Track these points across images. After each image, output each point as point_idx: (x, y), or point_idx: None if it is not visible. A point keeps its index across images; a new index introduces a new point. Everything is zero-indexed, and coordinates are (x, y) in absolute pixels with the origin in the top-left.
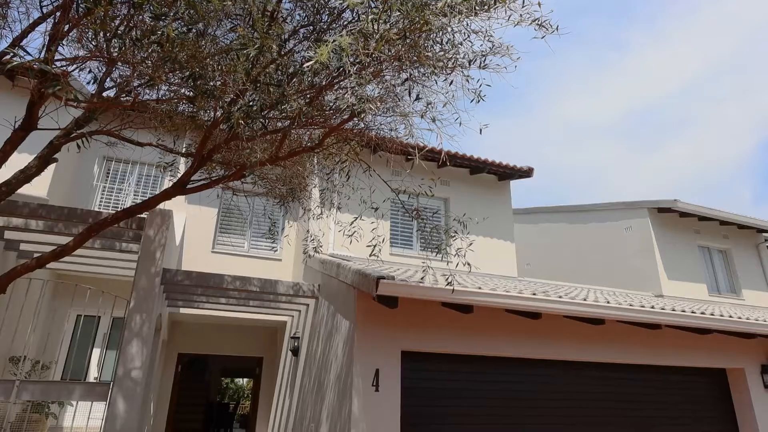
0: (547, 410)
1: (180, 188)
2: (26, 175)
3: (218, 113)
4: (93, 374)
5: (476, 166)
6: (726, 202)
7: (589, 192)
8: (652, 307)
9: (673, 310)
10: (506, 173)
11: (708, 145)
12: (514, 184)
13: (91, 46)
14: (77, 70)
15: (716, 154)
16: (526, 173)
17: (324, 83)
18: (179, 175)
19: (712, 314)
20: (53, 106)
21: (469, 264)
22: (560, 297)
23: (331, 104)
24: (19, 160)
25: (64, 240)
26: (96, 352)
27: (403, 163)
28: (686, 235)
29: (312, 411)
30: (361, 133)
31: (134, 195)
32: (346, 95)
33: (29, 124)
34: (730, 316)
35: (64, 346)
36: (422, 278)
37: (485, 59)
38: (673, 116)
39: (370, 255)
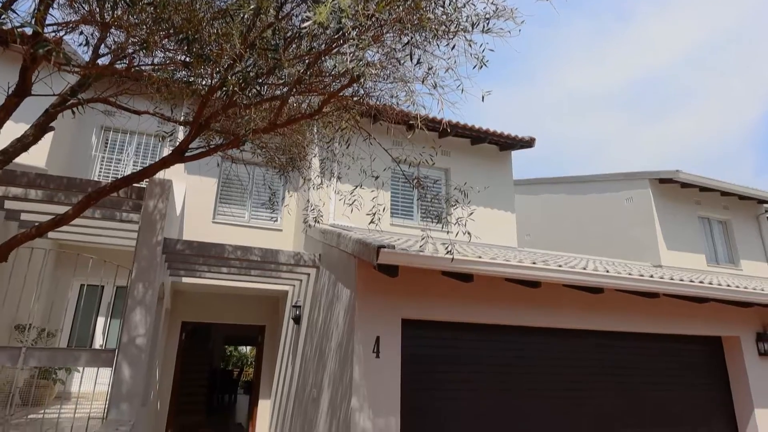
0: (546, 377)
1: (178, 156)
2: (23, 144)
3: (215, 80)
4: (98, 342)
5: (477, 136)
6: (727, 175)
7: (591, 165)
8: (651, 276)
9: (672, 279)
10: (507, 143)
11: (711, 117)
12: (515, 155)
13: (83, 10)
14: (70, 35)
15: (719, 126)
16: (528, 143)
17: (322, 48)
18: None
19: (711, 283)
20: (47, 71)
21: (469, 233)
22: (560, 266)
23: (330, 70)
24: (16, 129)
25: (64, 210)
26: (100, 321)
27: (403, 133)
28: (687, 205)
29: (314, 377)
30: (361, 101)
31: (133, 165)
32: (345, 59)
33: (23, 89)
34: (728, 286)
35: (69, 315)
36: (422, 247)
37: (488, 23)
38: (677, 87)
39: (370, 223)
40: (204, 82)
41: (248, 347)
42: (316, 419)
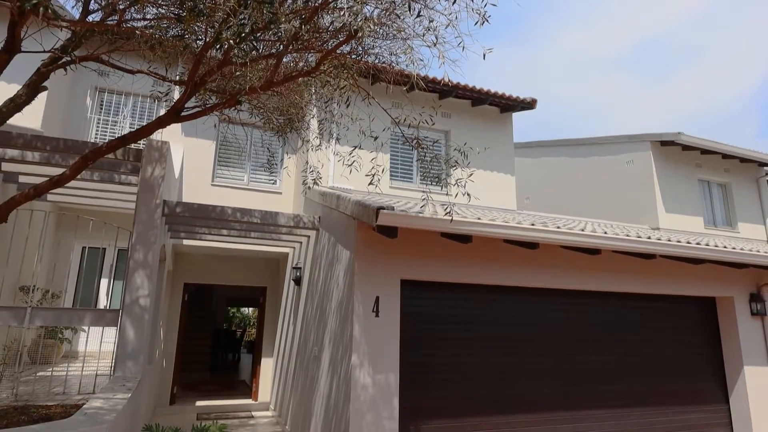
0: (543, 335)
1: (174, 115)
2: (16, 104)
3: (209, 36)
4: (102, 303)
5: (478, 98)
6: (729, 139)
7: (592, 129)
8: (648, 238)
9: (669, 240)
10: (509, 105)
11: (715, 80)
12: (516, 118)
13: None
14: None
15: (722, 89)
16: (529, 105)
17: (319, 2)
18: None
19: (707, 245)
20: (36, 27)
21: (468, 194)
22: (558, 227)
23: (328, 26)
24: (9, 90)
25: (61, 172)
26: (103, 283)
27: (403, 94)
28: (687, 168)
29: (315, 335)
30: (360, 59)
31: (130, 127)
32: (342, 13)
33: (12, 46)
34: (725, 247)
35: (72, 277)
36: (421, 209)
37: None
38: (682, 49)
39: (370, 184)
40: (197, 39)
41: (250, 308)
42: (318, 376)
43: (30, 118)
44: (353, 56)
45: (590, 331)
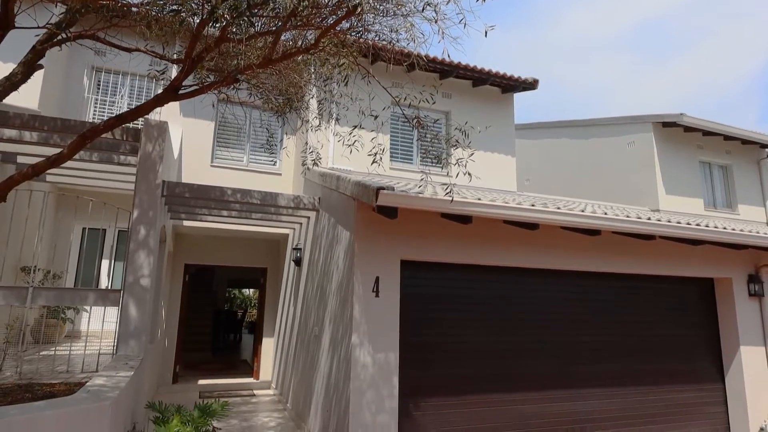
0: (542, 316)
1: (171, 93)
2: (12, 83)
3: (205, 12)
4: (103, 284)
5: (479, 78)
6: (730, 122)
7: (594, 111)
8: (648, 219)
9: (669, 221)
10: (510, 85)
11: (716, 62)
12: (518, 99)
13: None
14: None
15: (724, 72)
16: (531, 85)
17: None
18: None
19: (707, 226)
20: (30, 2)
21: (469, 174)
22: (558, 208)
23: (326, 1)
24: (4, 69)
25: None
26: (105, 264)
27: (403, 74)
28: (688, 150)
29: (315, 316)
30: (359, 36)
31: (128, 107)
32: None
33: (5, 21)
34: (724, 228)
35: (73, 258)
36: (422, 188)
37: None
38: (685, 30)
39: (372, 163)
40: (195, 15)
41: (251, 290)
42: (318, 355)
43: (27, 99)
44: (353, 33)
45: (589, 311)
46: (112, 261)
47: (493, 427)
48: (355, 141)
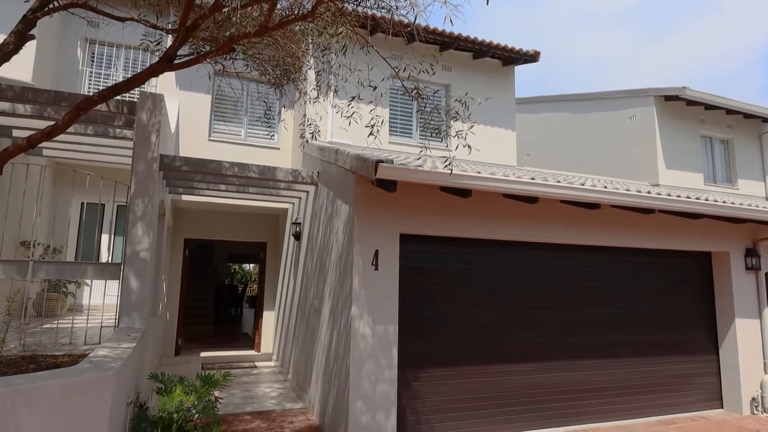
0: (540, 289)
1: (166, 63)
2: (4, 53)
3: None
4: (104, 258)
5: (480, 50)
6: (732, 96)
7: (595, 85)
8: (648, 192)
9: (668, 195)
10: (511, 58)
11: (719, 36)
12: (518, 73)
13: None
14: None
15: (727, 46)
16: (532, 57)
17: None
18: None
19: (706, 200)
20: None
21: (469, 146)
22: (558, 182)
23: None
24: None
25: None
26: (104, 239)
27: (402, 46)
28: (690, 124)
29: (315, 289)
30: (358, 3)
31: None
32: None
33: None
34: (723, 202)
35: (72, 232)
36: (421, 161)
37: None
38: (684, 4)
39: (370, 134)
40: None
41: (252, 265)
42: (318, 327)
43: (20, 71)
44: (351, 2)
45: (587, 284)
46: (112, 235)
47: (491, 396)
48: (353, 113)
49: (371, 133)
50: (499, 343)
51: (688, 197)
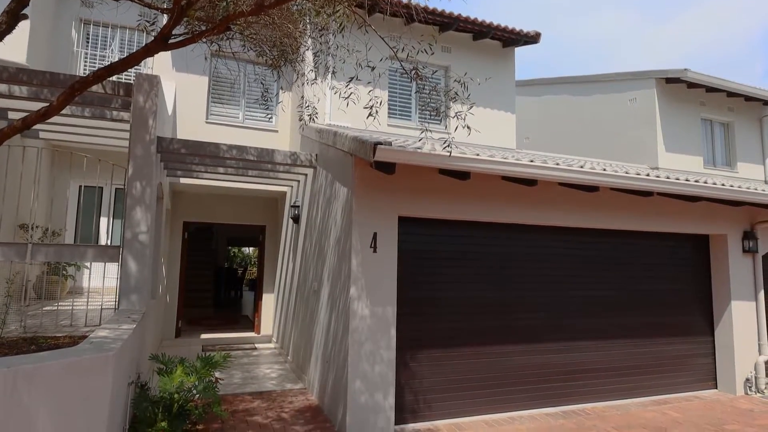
0: (539, 271)
1: (161, 43)
2: None
3: None
4: (103, 241)
5: (480, 31)
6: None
7: (594, 68)
8: (647, 175)
9: (667, 178)
10: (511, 39)
11: (722, 18)
12: (519, 55)
13: None
14: None
15: (729, 29)
16: (533, 39)
17: None
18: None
19: (705, 182)
20: None
21: (468, 127)
22: (557, 164)
23: None
24: None
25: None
26: (103, 222)
27: (401, 27)
28: (691, 106)
29: (314, 271)
30: None
31: None
32: None
33: None
34: (722, 185)
35: (71, 216)
36: (420, 143)
37: None
38: None
39: (369, 116)
40: None
41: (251, 248)
42: (318, 309)
43: (14, 52)
44: None
45: (585, 267)
46: (110, 218)
47: (488, 376)
48: (351, 93)
49: (370, 114)
50: (496, 324)
51: (687, 180)
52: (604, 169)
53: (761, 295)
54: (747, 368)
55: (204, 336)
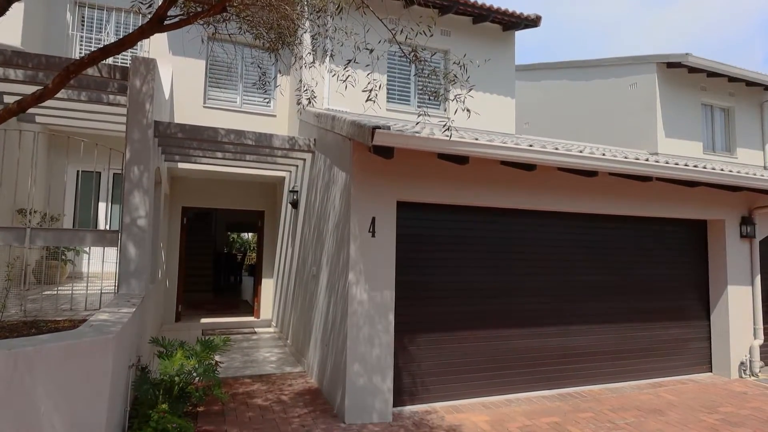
0: (536, 255)
1: (156, 24)
2: None
3: None
4: (101, 227)
5: (480, 14)
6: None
7: (596, 53)
8: (647, 160)
9: (666, 163)
10: (512, 22)
11: (723, 1)
12: (519, 38)
13: None
14: None
15: (730, 12)
16: (533, 22)
17: None
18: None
19: (704, 167)
20: None
21: (468, 110)
22: (556, 149)
23: None
24: None
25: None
26: (101, 207)
27: (400, 10)
28: (691, 92)
29: (313, 256)
30: None
31: None
32: None
33: None
34: (721, 170)
35: (69, 201)
36: (419, 126)
37: None
38: None
39: (368, 99)
40: None
41: (250, 234)
42: (317, 293)
43: (8, 35)
44: None
45: (583, 252)
46: (109, 204)
47: (485, 360)
48: (349, 76)
49: (369, 98)
50: (494, 308)
51: (686, 165)
52: (603, 154)
53: (757, 279)
54: (742, 352)
55: (204, 320)
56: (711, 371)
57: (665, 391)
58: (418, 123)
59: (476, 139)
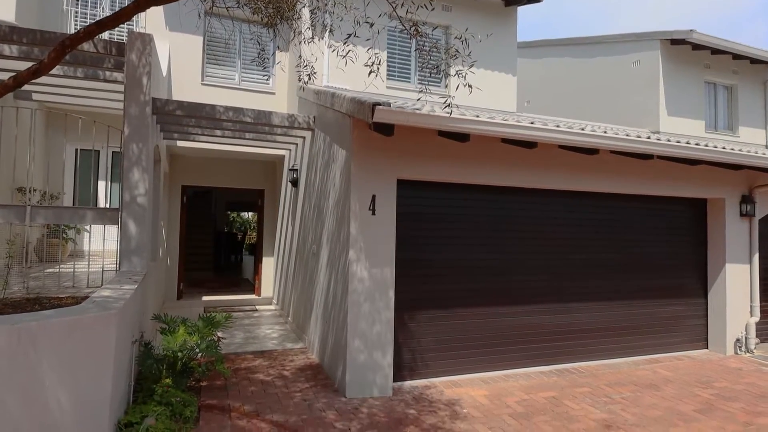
0: (537, 234)
1: None
2: None
3: None
4: (101, 205)
5: None
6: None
7: (599, 30)
8: (648, 138)
9: (668, 141)
10: None
11: None
12: (521, 14)
13: None
14: None
15: None
16: None
17: None
18: None
19: (706, 146)
20: None
21: (470, 86)
22: (557, 126)
23: None
24: None
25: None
26: (101, 186)
27: None
28: (695, 69)
29: (313, 234)
30: None
31: None
32: None
33: None
34: (723, 148)
35: (68, 180)
36: (419, 103)
37: None
38: None
39: (370, 73)
40: None
41: (250, 214)
42: (317, 270)
43: (2, 11)
44: None
45: (584, 230)
46: (108, 182)
47: (484, 336)
48: (349, 51)
49: (371, 72)
50: (493, 286)
51: (687, 143)
52: (605, 132)
53: (756, 258)
54: (738, 329)
55: (205, 298)
56: (707, 348)
57: (661, 366)
58: (419, 100)
59: (477, 116)
